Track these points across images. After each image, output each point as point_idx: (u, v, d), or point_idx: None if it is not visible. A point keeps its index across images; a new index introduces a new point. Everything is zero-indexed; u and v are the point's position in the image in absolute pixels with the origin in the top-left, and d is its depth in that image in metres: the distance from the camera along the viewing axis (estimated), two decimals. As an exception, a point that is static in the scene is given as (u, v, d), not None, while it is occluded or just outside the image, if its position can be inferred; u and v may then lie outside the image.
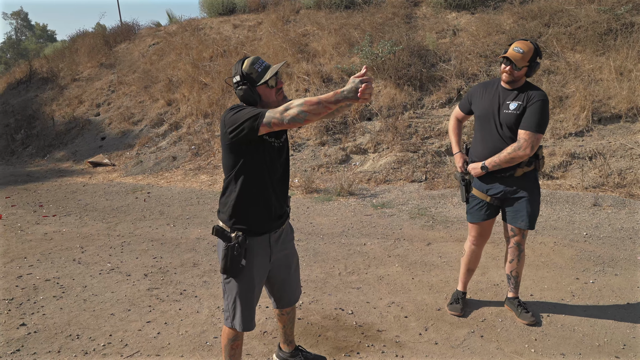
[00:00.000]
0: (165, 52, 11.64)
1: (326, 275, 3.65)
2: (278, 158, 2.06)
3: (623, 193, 5.64)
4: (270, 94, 1.99)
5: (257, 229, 2.04)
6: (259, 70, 1.97)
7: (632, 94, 7.02)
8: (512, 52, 2.59)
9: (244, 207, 2.02)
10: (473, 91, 2.88)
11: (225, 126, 1.92)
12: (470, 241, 3.01)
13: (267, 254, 2.10)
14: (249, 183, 2.00)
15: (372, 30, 9.11)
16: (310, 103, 1.74)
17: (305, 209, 5.53)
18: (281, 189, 2.11)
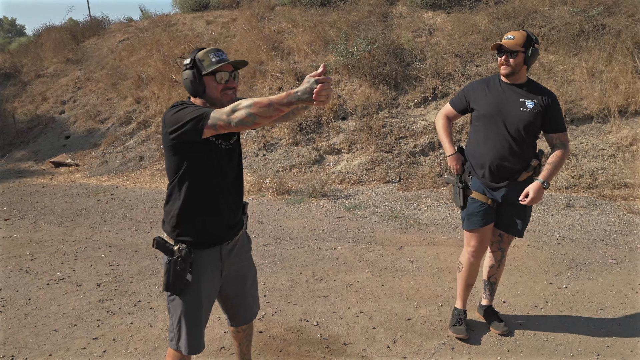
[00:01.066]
0: (135, 48, 11.25)
1: (292, 282, 3.47)
2: (228, 161, 1.86)
3: (595, 194, 5.64)
4: (214, 90, 1.78)
5: (205, 241, 1.84)
6: (212, 60, 1.76)
7: (603, 95, 7.06)
8: (503, 40, 2.45)
9: (190, 216, 1.81)
10: (472, 89, 2.64)
11: (165, 126, 1.72)
12: (470, 253, 2.68)
13: (217, 267, 1.90)
14: (195, 189, 1.79)
15: (347, 28, 8.96)
16: (260, 105, 1.54)
17: (276, 212, 5.33)
18: (234, 195, 1.91)
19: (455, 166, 2.69)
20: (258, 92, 8.47)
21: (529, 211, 2.66)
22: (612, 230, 4.45)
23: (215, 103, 1.79)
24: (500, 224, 2.66)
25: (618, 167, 6.20)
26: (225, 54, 1.82)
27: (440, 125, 2.76)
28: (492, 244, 2.76)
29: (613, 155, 6.45)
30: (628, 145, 6.52)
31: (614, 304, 3.07)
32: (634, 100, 6.89)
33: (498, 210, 2.64)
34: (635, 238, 4.26)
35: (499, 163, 2.52)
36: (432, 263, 3.77)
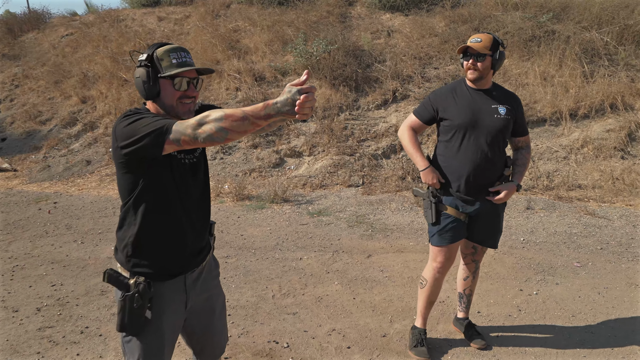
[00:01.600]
0: (80, 44, 10.55)
1: (258, 298, 3.25)
2: (192, 178, 1.61)
3: (552, 195, 5.76)
4: (170, 96, 1.52)
5: (167, 271, 1.59)
6: (172, 62, 1.50)
7: (555, 98, 7.28)
8: (470, 43, 2.33)
9: (149, 244, 1.56)
10: (439, 97, 2.44)
11: (116, 139, 1.45)
12: (436, 269, 2.53)
13: (182, 300, 1.64)
14: (154, 211, 1.54)
15: (306, 28, 8.79)
16: (233, 118, 1.30)
17: (236, 219, 5.07)
18: (199, 216, 1.66)
19: (431, 181, 2.44)
20: (214, 92, 8.13)
21: (502, 221, 2.59)
22: (572, 233, 4.54)
23: (169, 112, 1.54)
24: (474, 236, 2.55)
25: (572, 168, 6.40)
26: (189, 55, 1.57)
27: (406, 139, 2.51)
28: (466, 256, 2.66)
29: (566, 157, 6.65)
30: (579, 147, 6.75)
31: (584, 310, 3.07)
32: (584, 103, 7.15)
33: (470, 223, 2.51)
34: (594, 240, 4.36)
35: (476, 175, 2.38)
36: (402, 272, 3.67)
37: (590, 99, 7.14)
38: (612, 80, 7.34)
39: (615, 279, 3.53)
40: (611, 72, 7.54)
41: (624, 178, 6.12)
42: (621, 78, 7.39)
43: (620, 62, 7.69)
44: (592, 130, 6.93)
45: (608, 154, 6.56)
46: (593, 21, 8.17)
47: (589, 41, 7.82)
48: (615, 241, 4.32)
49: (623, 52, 7.74)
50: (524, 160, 2.52)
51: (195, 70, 1.55)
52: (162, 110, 1.55)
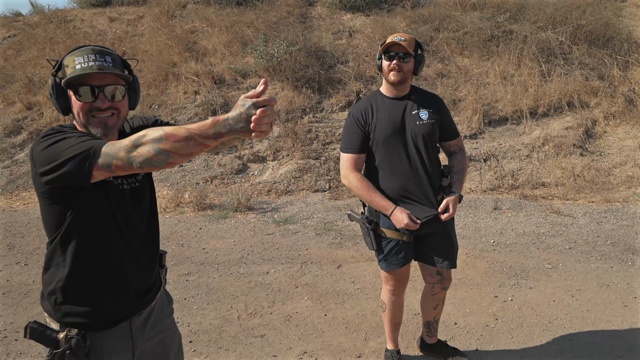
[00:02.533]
0: (24, 46, 9.87)
1: (222, 320, 3.01)
2: (134, 206, 1.36)
3: (518, 195, 5.79)
4: (79, 110, 1.25)
5: (106, 318, 1.33)
6: (76, 67, 1.23)
7: (515, 97, 7.37)
8: (393, 41, 2.09)
9: (81, 288, 1.30)
10: (361, 113, 2.19)
11: (35, 165, 1.19)
12: (390, 292, 2.38)
13: (127, 348, 1.38)
14: (87, 250, 1.28)
15: (266, 29, 8.55)
16: (175, 138, 1.07)
17: (198, 231, 4.79)
18: (146, 251, 1.42)
19: (405, 223, 2.08)
20: (172, 96, 7.76)
21: (454, 235, 2.34)
22: (540, 233, 4.53)
23: (86, 129, 1.28)
24: (425, 257, 2.31)
25: (534, 166, 6.48)
26: (105, 57, 1.26)
27: (355, 185, 2.16)
28: (434, 286, 2.39)
29: (529, 156, 6.73)
30: (541, 145, 6.85)
31: (560, 315, 3.01)
32: (542, 102, 7.28)
33: (419, 244, 2.28)
34: (562, 239, 4.36)
35: (421, 188, 2.18)
36: (374, 283, 3.52)
37: (549, 98, 7.27)
38: (568, 79, 7.51)
39: (586, 279, 3.51)
40: (567, 70, 7.72)
41: (584, 175, 6.25)
42: (576, 77, 7.58)
43: (575, 61, 7.88)
44: (551, 128, 7.05)
45: (568, 151, 6.69)
46: (548, 21, 8.35)
47: (545, 41, 7.98)
48: (582, 240, 4.34)
49: (577, 52, 7.94)
50: (461, 166, 2.30)
51: (115, 75, 1.26)
52: (82, 128, 1.29)
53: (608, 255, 3.96)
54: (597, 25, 8.20)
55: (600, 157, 6.75)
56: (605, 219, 4.87)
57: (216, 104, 7.38)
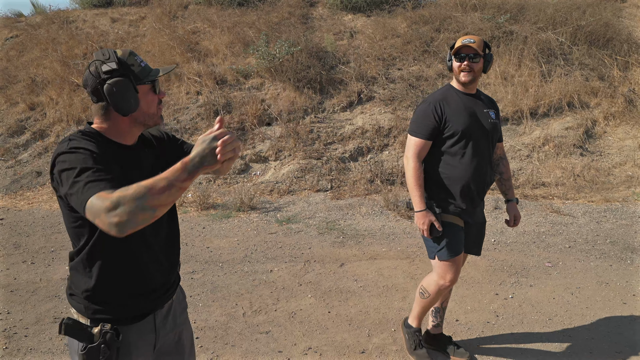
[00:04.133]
0: (26, 47, 9.92)
1: (228, 317, 3.06)
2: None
3: (518, 194, 5.83)
4: (152, 102, 1.35)
5: (134, 312, 1.37)
6: (141, 65, 1.33)
7: (515, 97, 7.42)
8: (464, 44, 2.18)
9: (111, 288, 1.33)
10: (438, 105, 2.23)
11: (52, 173, 1.23)
12: (450, 281, 2.31)
13: (150, 342, 1.43)
14: (114, 253, 1.31)
15: (267, 29, 8.60)
16: (155, 191, 1.08)
17: (201, 230, 4.84)
18: (168, 252, 1.46)
19: (424, 225, 2.24)
20: (174, 97, 7.81)
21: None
22: (541, 232, 4.58)
23: (147, 121, 1.36)
24: (465, 246, 2.41)
25: (535, 167, 6.52)
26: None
27: (411, 172, 2.25)
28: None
29: (529, 156, 6.78)
30: (541, 146, 6.90)
31: (559, 312, 3.06)
32: (543, 102, 7.33)
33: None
34: (562, 238, 4.41)
35: (479, 181, 2.29)
36: (377, 281, 3.56)
37: (549, 98, 7.32)
38: (568, 79, 7.56)
39: (585, 277, 3.56)
40: (567, 71, 7.77)
41: (584, 175, 6.29)
42: (576, 77, 7.62)
43: (575, 62, 7.93)
44: (552, 128, 7.10)
45: (568, 151, 6.73)
46: (548, 22, 8.40)
47: (545, 41, 8.03)
48: (582, 239, 4.39)
49: (577, 52, 7.99)
50: (509, 173, 2.52)
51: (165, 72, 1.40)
52: (132, 126, 1.36)
53: (607, 254, 4.01)
54: (597, 25, 8.25)
55: (600, 157, 6.80)
56: (605, 218, 4.92)
57: (218, 104, 7.43)
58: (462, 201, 2.30)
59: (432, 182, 2.32)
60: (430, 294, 2.40)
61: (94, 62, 1.32)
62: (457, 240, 2.31)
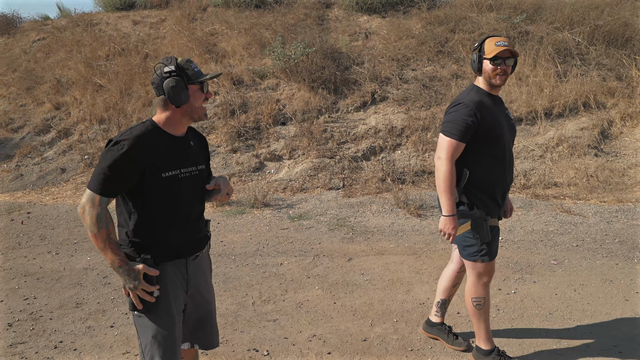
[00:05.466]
0: (53, 49, 10.31)
1: (238, 306, 3.21)
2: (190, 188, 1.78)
3: (529, 194, 5.86)
4: (199, 98, 1.74)
5: (170, 254, 1.74)
6: (195, 70, 1.74)
7: (530, 98, 7.41)
8: (501, 47, 2.19)
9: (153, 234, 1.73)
10: (477, 107, 2.23)
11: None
12: (488, 283, 2.40)
13: (183, 280, 1.78)
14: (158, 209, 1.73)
15: (283, 31, 8.77)
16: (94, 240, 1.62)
17: (216, 225, 5.01)
18: (196, 212, 1.83)
19: (450, 230, 2.25)
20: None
21: None
22: (549, 230, 4.61)
23: (194, 112, 1.74)
24: None
25: (547, 167, 6.52)
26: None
27: (445, 175, 2.22)
28: (463, 265, 2.58)
29: (542, 156, 6.77)
30: (555, 146, 6.88)
31: (560, 307, 3.12)
32: (558, 102, 7.30)
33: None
34: (570, 237, 4.44)
35: (509, 180, 2.39)
36: (383, 275, 3.67)
37: (564, 98, 7.29)
38: (584, 79, 7.51)
39: (590, 275, 3.60)
40: (583, 71, 7.72)
41: (598, 175, 6.26)
42: (593, 77, 7.57)
43: (592, 62, 7.87)
44: (566, 128, 7.07)
45: (582, 151, 6.70)
46: (565, 22, 8.35)
47: (562, 41, 7.99)
48: (590, 238, 4.41)
49: (594, 52, 7.93)
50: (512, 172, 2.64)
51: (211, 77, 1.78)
52: (183, 117, 1.73)
53: (615, 253, 4.03)
54: (615, 25, 8.16)
55: (616, 158, 6.75)
56: (616, 218, 4.92)
57: (235, 104, 7.62)
58: (502, 201, 2.38)
59: (472, 186, 2.31)
60: (484, 297, 2.41)
61: (159, 64, 1.70)
62: (497, 242, 2.39)
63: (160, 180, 1.66)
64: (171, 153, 1.70)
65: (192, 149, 1.80)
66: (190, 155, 1.78)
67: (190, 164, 1.77)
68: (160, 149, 1.67)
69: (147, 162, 1.63)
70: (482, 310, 2.43)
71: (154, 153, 1.65)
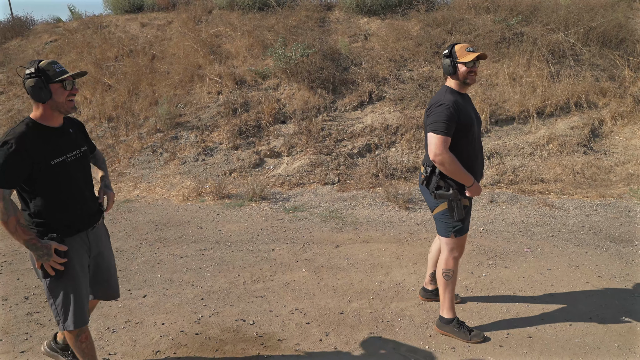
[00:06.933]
0: (64, 50, 10.73)
1: (230, 285, 3.52)
2: (80, 168, 2.16)
3: (516, 189, 6.11)
4: (62, 95, 2.01)
5: (72, 229, 2.13)
6: (57, 70, 2.00)
7: (523, 97, 7.64)
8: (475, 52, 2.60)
9: (55, 215, 2.09)
10: (454, 105, 2.57)
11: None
12: (458, 258, 2.77)
13: (85, 248, 2.20)
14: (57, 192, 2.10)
15: (285, 32, 9.08)
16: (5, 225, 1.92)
17: (215, 216, 5.34)
18: (88, 189, 2.22)
19: (479, 192, 2.70)
20: (196, 96, 8.39)
21: None
22: (529, 222, 4.87)
23: (59, 106, 2.03)
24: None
25: (536, 164, 6.76)
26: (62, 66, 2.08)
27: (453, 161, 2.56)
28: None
29: (532, 154, 7.01)
30: (545, 144, 7.11)
31: (525, 288, 3.39)
32: (549, 102, 7.53)
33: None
34: (548, 228, 4.69)
35: (482, 163, 2.80)
36: (366, 259, 3.97)
37: (556, 98, 7.52)
38: (577, 79, 7.73)
39: (559, 261, 3.86)
40: (576, 72, 7.93)
41: (584, 172, 6.49)
42: (586, 77, 7.78)
43: (586, 62, 8.08)
44: (557, 127, 7.30)
45: (571, 149, 6.94)
46: (560, 23, 8.57)
47: (556, 42, 8.22)
48: (566, 229, 4.66)
49: (587, 53, 8.14)
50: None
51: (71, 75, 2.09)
52: (53, 111, 2.04)
53: (586, 242, 4.28)
54: (609, 26, 8.37)
55: (604, 156, 6.97)
56: (595, 212, 5.16)
57: (237, 104, 7.95)
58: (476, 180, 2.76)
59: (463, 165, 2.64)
60: (452, 269, 2.75)
61: (21, 68, 2.08)
62: (468, 220, 2.78)
63: (50, 167, 1.98)
64: (53, 143, 2.03)
65: (71, 135, 2.13)
66: (71, 141, 2.11)
67: (73, 147, 2.11)
68: (42, 141, 1.99)
69: (34, 153, 1.94)
70: (450, 282, 2.77)
71: (38, 145, 1.96)
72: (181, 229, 4.85)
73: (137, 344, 2.73)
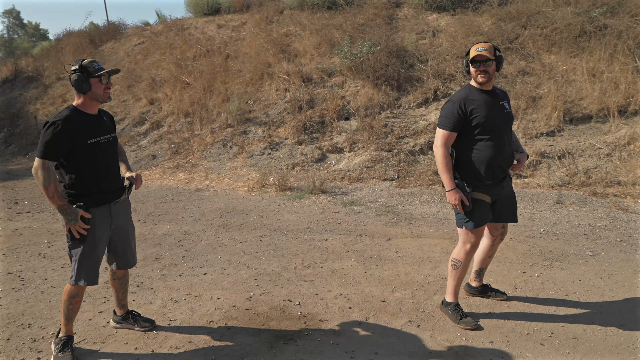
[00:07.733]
0: (150, 51, 11.70)
1: (282, 269, 3.75)
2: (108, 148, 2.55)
3: (587, 192, 5.77)
4: (99, 87, 2.43)
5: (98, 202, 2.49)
6: (95, 67, 2.41)
7: (603, 95, 7.16)
8: (478, 52, 2.65)
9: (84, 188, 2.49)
10: (463, 102, 2.67)
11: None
12: (471, 250, 2.81)
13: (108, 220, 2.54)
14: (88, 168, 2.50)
15: (353, 31, 9.22)
16: (44, 191, 2.32)
17: (276, 207, 5.62)
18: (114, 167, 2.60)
19: (456, 201, 2.69)
20: (265, 93, 8.80)
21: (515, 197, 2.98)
22: (597, 226, 4.61)
23: (98, 97, 2.45)
24: (501, 217, 2.89)
25: (613, 165, 6.32)
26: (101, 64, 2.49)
27: (442, 158, 2.68)
28: (496, 238, 3.01)
29: (609, 154, 6.56)
30: (625, 144, 6.62)
31: (579, 291, 3.26)
32: (634, 99, 6.99)
33: (495, 206, 2.85)
34: (617, 233, 4.42)
35: (501, 161, 2.75)
36: (415, 253, 4.01)
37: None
38: (667, 75, 7.09)
39: (623, 267, 3.65)
40: (668, 67, 7.28)
41: (669, 175, 5.97)
42: (679, 73, 7.12)
43: (679, 56, 7.38)
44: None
45: (656, 151, 6.40)
46: (650, 14, 7.89)
47: (644, 35, 7.58)
48: (638, 234, 4.36)
49: (682, 46, 7.43)
50: (515, 136, 3.00)
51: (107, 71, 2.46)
52: (92, 101, 2.46)
53: (659, 249, 3.99)
54: None
55: (696, 159, 6.35)
56: (676, 218, 4.76)
57: (302, 100, 8.24)
58: (488, 178, 2.76)
59: (463, 165, 2.76)
60: (461, 261, 2.84)
61: (68, 65, 2.53)
62: (482, 213, 2.77)
63: (87, 145, 2.40)
64: (91, 126, 2.43)
65: (105, 122, 2.56)
66: (104, 127, 2.52)
67: (105, 132, 2.52)
68: (82, 124, 2.39)
69: (75, 134, 2.34)
70: (457, 271, 2.87)
71: (78, 127, 2.36)
72: (244, 217, 5.19)
73: (195, 314, 3.03)
